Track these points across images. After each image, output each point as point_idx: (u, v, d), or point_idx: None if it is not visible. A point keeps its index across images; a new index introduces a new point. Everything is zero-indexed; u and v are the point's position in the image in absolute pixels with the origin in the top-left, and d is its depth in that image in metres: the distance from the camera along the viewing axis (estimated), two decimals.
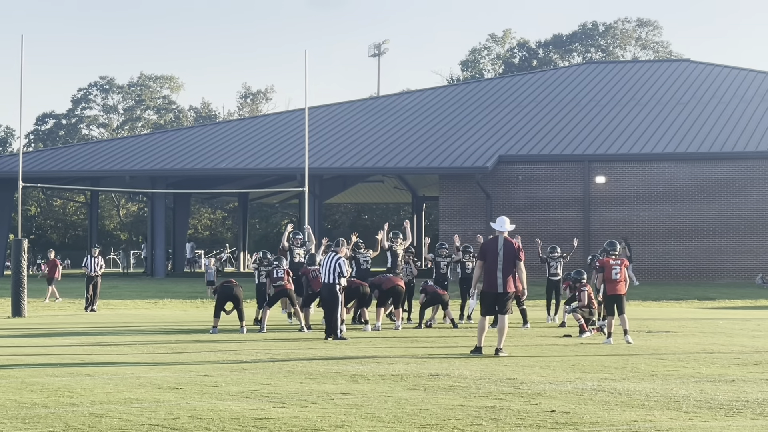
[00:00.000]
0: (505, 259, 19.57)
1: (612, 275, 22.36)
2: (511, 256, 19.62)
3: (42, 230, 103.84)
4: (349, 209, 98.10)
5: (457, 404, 13.30)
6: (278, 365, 17.77)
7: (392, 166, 57.08)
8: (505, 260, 19.57)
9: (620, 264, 22.52)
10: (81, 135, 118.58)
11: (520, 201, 54.28)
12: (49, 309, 37.15)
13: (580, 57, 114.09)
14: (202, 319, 30.08)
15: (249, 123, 68.01)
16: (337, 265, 23.68)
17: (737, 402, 13.38)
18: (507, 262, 19.57)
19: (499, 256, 19.59)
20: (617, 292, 22.35)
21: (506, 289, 19.57)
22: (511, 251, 19.65)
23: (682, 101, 61.29)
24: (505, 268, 19.56)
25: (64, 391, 14.55)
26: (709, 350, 20.20)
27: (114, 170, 59.40)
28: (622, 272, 22.40)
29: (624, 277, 22.44)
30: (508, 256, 19.60)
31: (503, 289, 19.55)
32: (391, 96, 73.15)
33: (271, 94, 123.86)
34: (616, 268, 22.39)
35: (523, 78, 71.70)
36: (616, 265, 22.44)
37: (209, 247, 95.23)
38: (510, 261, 19.59)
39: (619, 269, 22.39)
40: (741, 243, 52.41)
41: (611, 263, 22.52)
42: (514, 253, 19.67)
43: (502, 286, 19.55)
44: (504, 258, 19.57)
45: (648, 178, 53.58)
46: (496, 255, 19.63)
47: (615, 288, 22.37)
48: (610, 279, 22.40)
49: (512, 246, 19.74)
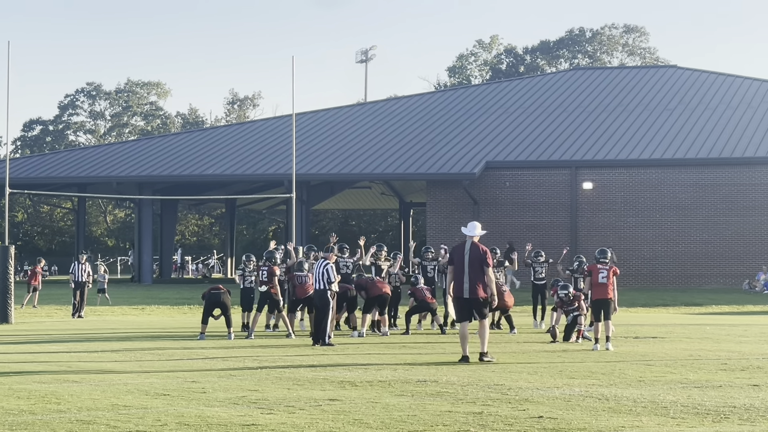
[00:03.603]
0: (470, 264, 19.34)
1: (598, 279, 22.43)
2: (477, 261, 19.35)
3: (29, 236, 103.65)
4: (337, 215, 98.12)
5: (445, 410, 13.29)
6: (266, 371, 17.76)
7: (380, 172, 57.08)
8: (470, 265, 19.33)
9: (608, 269, 22.52)
10: (68, 141, 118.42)
11: (508, 207, 54.34)
12: (35, 315, 37.07)
13: (568, 63, 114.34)
14: (190, 325, 30.04)
15: (236, 129, 67.98)
16: (325, 272, 23.72)
17: (724, 408, 13.39)
18: (473, 267, 19.32)
19: (465, 260, 19.40)
20: (603, 297, 22.39)
21: (474, 294, 19.29)
22: (478, 256, 19.37)
23: (669, 107, 61.42)
24: (472, 273, 19.31)
25: (51, 397, 14.52)
26: (696, 356, 20.23)
27: (101, 176, 59.30)
28: (609, 277, 22.43)
29: (612, 283, 22.46)
30: (474, 261, 19.35)
31: (470, 294, 19.30)
32: (378, 102, 73.18)
33: (258, 100, 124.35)
34: (603, 272, 22.44)
35: (511, 84, 71.76)
36: (604, 269, 22.50)
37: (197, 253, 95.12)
38: (476, 266, 19.32)
39: (606, 274, 22.42)
40: (728, 249, 52.52)
41: (599, 268, 22.58)
42: (481, 258, 19.38)
43: (468, 291, 19.31)
44: (470, 263, 19.35)
45: (635, 184, 53.66)
46: (463, 259, 19.44)
47: (601, 293, 22.42)
48: (597, 283, 22.47)
49: (479, 251, 19.42)
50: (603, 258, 22.95)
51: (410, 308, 27.39)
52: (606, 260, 22.91)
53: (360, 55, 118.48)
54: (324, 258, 24.43)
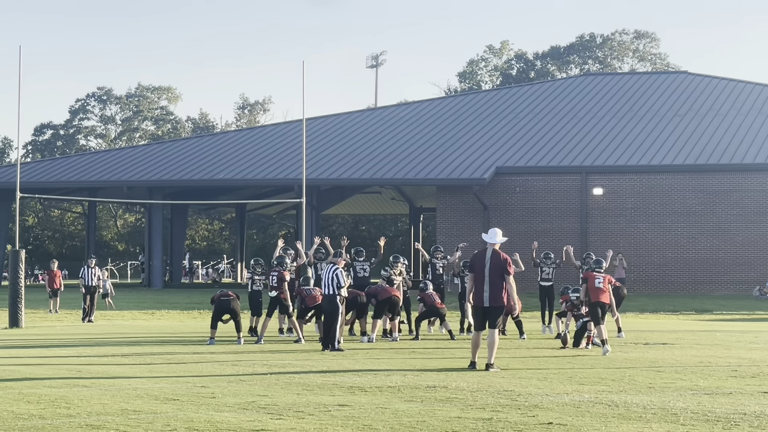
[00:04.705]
0: (491, 271, 19.07)
1: (594, 284, 22.92)
2: (498, 269, 19.07)
3: (39, 241, 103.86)
4: (347, 220, 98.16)
5: (455, 416, 13.28)
6: (275, 377, 17.75)
7: (390, 177, 57.10)
8: (491, 273, 19.07)
9: (604, 276, 23.16)
10: (79, 146, 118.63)
11: (518, 212, 54.31)
12: (46, 320, 37.11)
13: (578, 69, 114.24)
14: (200, 330, 30.05)
15: (246, 134, 68.05)
16: (334, 276, 23.70)
17: (735, 415, 13.36)
18: (494, 275, 19.06)
19: (486, 268, 19.13)
20: (600, 300, 22.76)
21: (494, 302, 19.08)
22: (499, 264, 19.10)
23: (679, 113, 61.36)
24: (493, 282, 19.06)
25: (61, 402, 14.53)
26: (706, 363, 20.17)
27: (111, 181, 59.42)
28: (605, 283, 22.99)
29: (607, 287, 22.98)
30: (495, 269, 19.08)
31: (490, 302, 19.05)
32: (388, 107, 73.26)
33: (268, 105, 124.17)
34: (599, 278, 22.99)
35: (521, 89, 71.77)
36: (599, 275, 23.11)
37: (207, 257, 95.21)
38: (497, 274, 19.05)
39: (602, 279, 23.00)
40: (738, 255, 52.43)
41: (594, 275, 23.18)
42: (502, 266, 19.11)
43: (488, 299, 19.06)
44: (491, 271, 19.08)
45: (645, 189, 53.61)
46: (483, 267, 19.16)
47: (598, 296, 22.79)
48: (594, 287, 22.91)
49: (500, 258, 19.15)
50: (598, 267, 23.66)
51: (420, 314, 27.39)
52: (601, 269, 23.62)
53: (370, 61, 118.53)
54: (332, 263, 24.44)
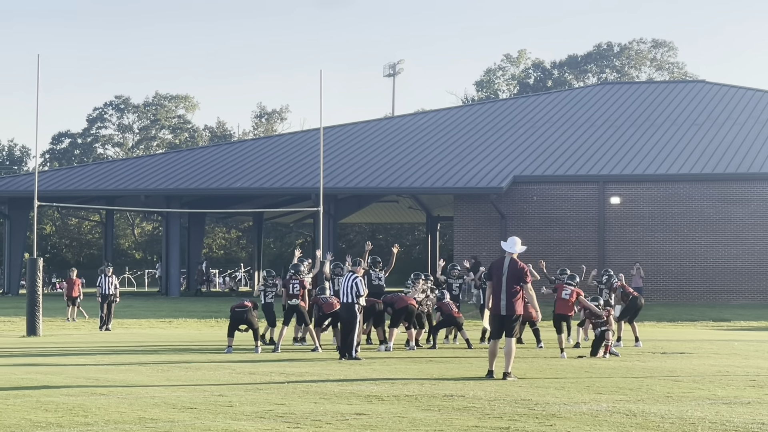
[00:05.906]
0: (509, 280, 19.03)
1: (561, 295, 25.67)
2: (516, 278, 19.03)
3: (57, 249, 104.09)
4: (364, 229, 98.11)
5: (472, 425, 13.27)
6: (292, 385, 17.76)
7: (407, 186, 57.11)
8: (509, 282, 19.03)
9: (572, 290, 25.57)
10: (96, 154, 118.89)
11: (535, 221, 54.23)
12: (63, 328, 37.20)
13: (595, 78, 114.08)
14: (217, 338, 30.10)
15: (264, 143, 68.15)
16: (354, 284, 23.76)
17: (753, 424, 13.32)
18: (511, 284, 19.03)
19: (503, 277, 19.08)
20: (564, 312, 25.51)
21: (512, 311, 19.03)
22: (517, 273, 19.06)
23: (697, 122, 61.24)
24: (509, 290, 19.03)
25: (78, 410, 14.56)
26: (724, 372, 20.12)
27: (129, 189, 59.58)
28: (572, 296, 25.39)
29: (572, 301, 25.44)
30: (512, 278, 19.03)
31: (506, 311, 19.00)
32: (405, 116, 73.26)
33: (286, 113, 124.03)
34: (567, 290, 25.63)
35: (538, 98, 71.71)
36: (568, 287, 25.73)
37: (224, 266, 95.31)
38: (515, 283, 19.01)
39: (570, 291, 25.51)
40: (757, 264, 52.25)
41: (564, 287, 25.86)
42: (520, 275, 19.07)
43: (505, 308, 19.00)
44: (508, 279, 19.04)
45: (663, 198, 53.48)
46: (501, 276, 19.12)
47: (562, 308, 25.55)
48: (560, 297, 25.70)
49: (518, 267, 19.11)
50: (570, 281, 26.37)
51: (437, 323, 27.42)
52: (572, 283, 26.12)
53: (388, 69, 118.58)
54: (352, 271, 24.48)
